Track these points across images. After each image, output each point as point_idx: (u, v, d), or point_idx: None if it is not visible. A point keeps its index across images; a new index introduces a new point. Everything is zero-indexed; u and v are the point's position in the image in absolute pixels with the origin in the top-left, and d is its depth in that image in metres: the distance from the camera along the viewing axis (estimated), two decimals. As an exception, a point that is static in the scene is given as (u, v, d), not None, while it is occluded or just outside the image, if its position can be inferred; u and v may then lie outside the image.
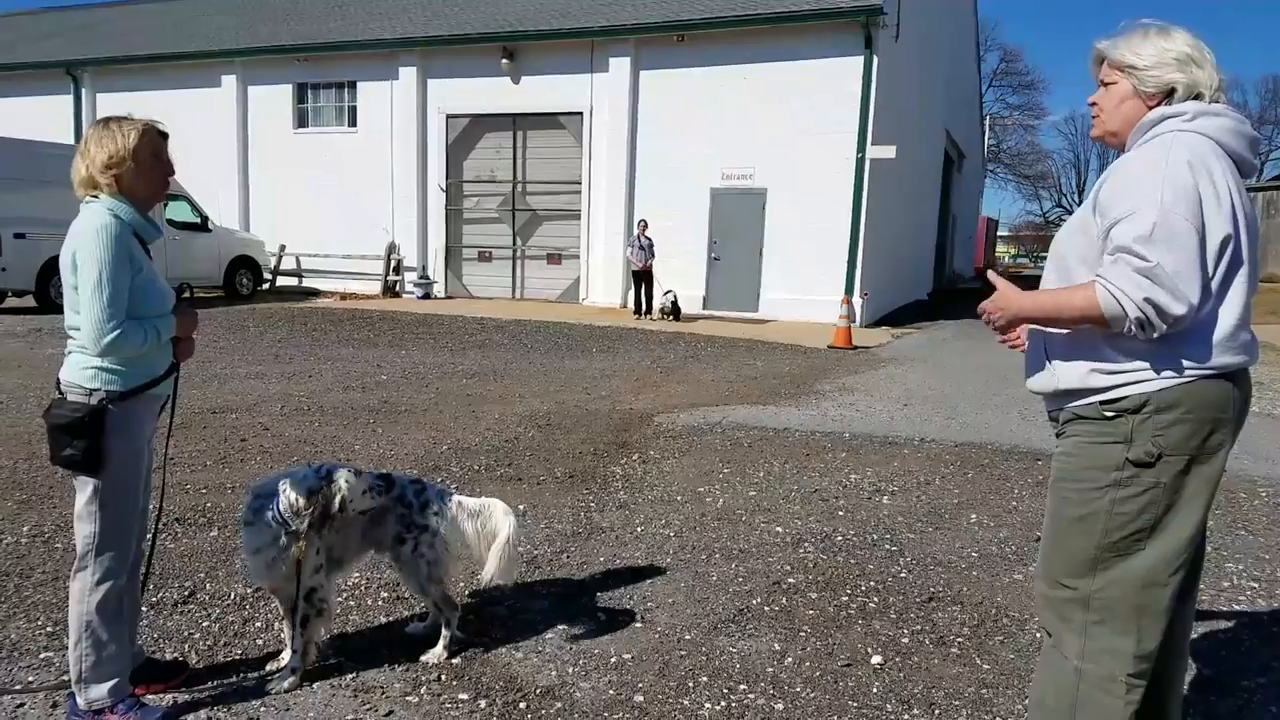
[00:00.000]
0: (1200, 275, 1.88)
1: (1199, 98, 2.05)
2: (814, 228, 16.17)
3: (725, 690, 3.03)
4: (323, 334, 12.68)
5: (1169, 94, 2.07)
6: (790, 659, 3.27)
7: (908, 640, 3.45)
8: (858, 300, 15.74)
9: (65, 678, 2.74)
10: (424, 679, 3.02)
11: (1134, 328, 1.91)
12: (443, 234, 19.67)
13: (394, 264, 19.61)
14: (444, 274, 19.76)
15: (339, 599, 3.52)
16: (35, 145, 14.48)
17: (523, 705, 2.89)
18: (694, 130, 16.95)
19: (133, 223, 2.58)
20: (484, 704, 2.89)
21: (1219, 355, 1.97)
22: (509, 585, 3.11)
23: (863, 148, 15.71)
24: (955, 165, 29.74)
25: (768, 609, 3.70)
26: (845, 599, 3.83)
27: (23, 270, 13.72)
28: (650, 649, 3.31)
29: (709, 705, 2.93)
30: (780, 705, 2.95)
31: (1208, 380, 1.98)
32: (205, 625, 3.37)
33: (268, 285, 19.42)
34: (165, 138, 2.70)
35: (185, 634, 3.30)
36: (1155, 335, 1.92)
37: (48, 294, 13.91)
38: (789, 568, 4.16)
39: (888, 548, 4.48)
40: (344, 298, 18.85)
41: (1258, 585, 4.12)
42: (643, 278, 16.18)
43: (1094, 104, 2.21)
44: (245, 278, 18.13)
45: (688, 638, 3.41)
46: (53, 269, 12.74)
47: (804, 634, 3.48)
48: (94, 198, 2.57)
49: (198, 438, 6.19)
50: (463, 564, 3.96)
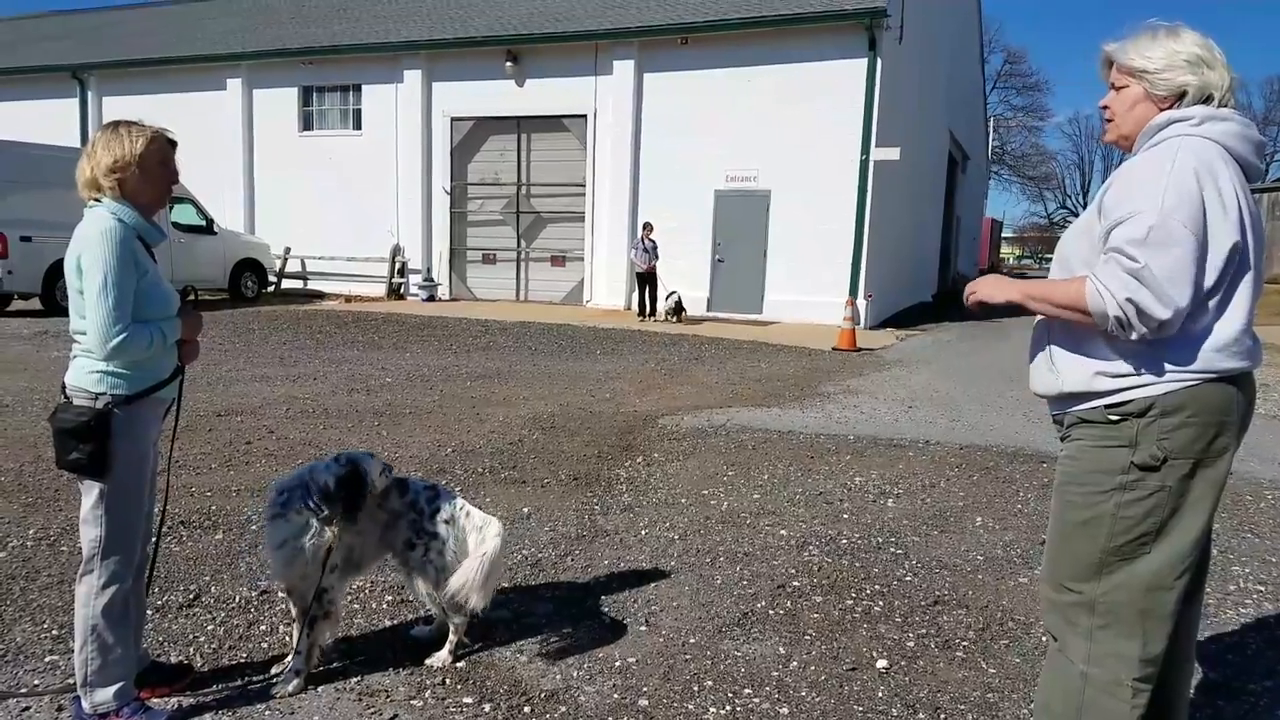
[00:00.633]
0: (1192, 281, 1.89)
1: (1210, 99, 2.04)
2: (818, 229, 16.17)
3: (730, 694, 3.03)
4: (327, 337, 12.70)
5: (1181, 96, 2.06)
6: (795, 663, 3.27)
7: (913, 644, 3.45)
8: (862, 302, 15.73)
9: (71, 681, 2.75)
10: (429, 682, 3.02)
11: (1115, 326, 1.92)
12: (447, 236, 19.70)
13: (398, 266, 19.65)
14: (448, 276, 19.79)
15: (344, 601, 3.52)
16: (41, 148, 14.49)
17: (527, 709, 2.89)
18: (698, 132, 16.96)
19: (137, 226, 2.58)
20: (488, 708, 2.88)
21: (1223, 359, 1.97)
22: (476, 608, 3.04)
23: (866, 150, 15.72)
24: (959, 167, 29.69)
25: (772, 612, 3.70)
26: (850, 602, 3.82)
27: (28, 273, 13.74)
28: (655, 653, 3.31)
29: (714, 709, 2.93)
30: (785, 709, 2.94)
31: (1212, 384, 1.98)
32: (210, 628, 3.38)
33: (272, 288, 19.44)
34: (174, 146, 2.70)
35: (190, 637, 3.30)
36: (1134, 337, 1.93)
37: (53, 297, 13.92)
38: (794, 571, 4.16)
39: (893, 551, 4.48)
40: (349, 300, 18.88)
41: (1264, 588, 4.11)
42: (647, 280, 16.19)
43: (1105, 108, 2.19)
44: (250, 280, 18.14)
45: (692, 641, 3.41)
46: (58, 272, 12.75)
47: (809, 638, 3.47)
48: (97, 201, 2.57)
49: (203, 441, 6.20)
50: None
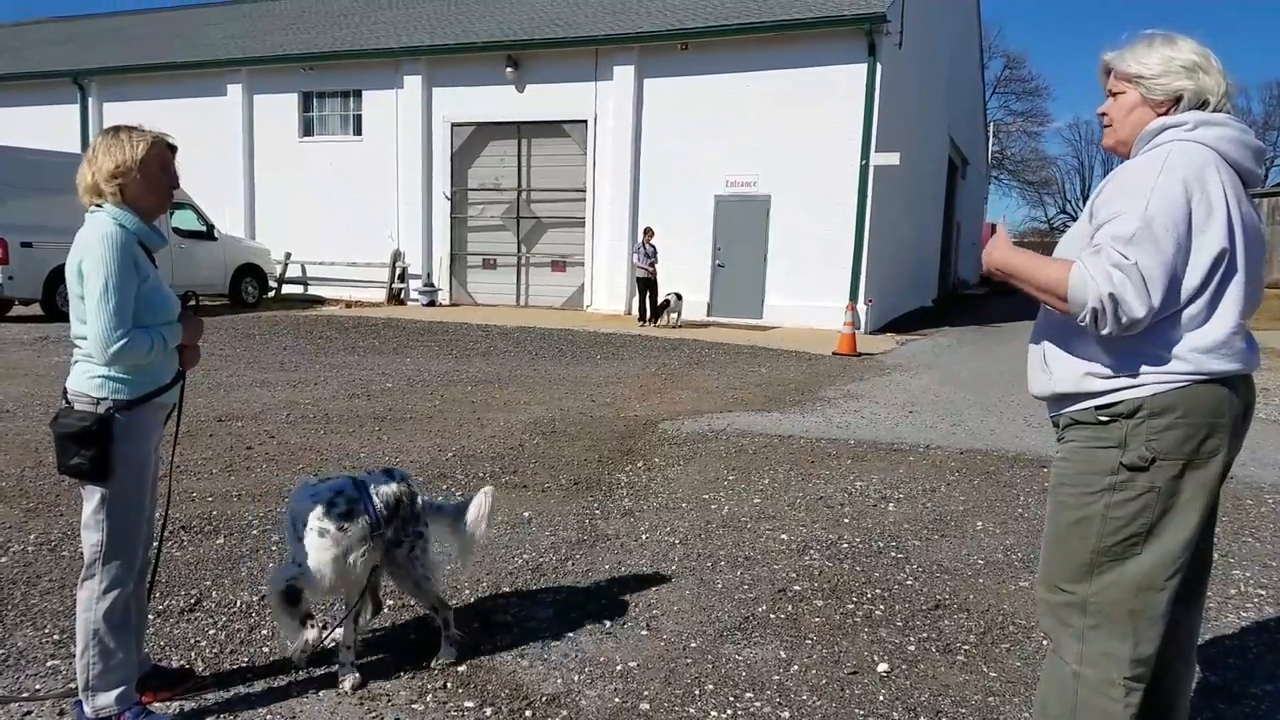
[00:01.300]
0: (1166, 285, 1.91)
1: (1206, 104, 2.06)
2: (818, 234, 16.19)
3: (731, 698, 3.03)
4: (328, 342, 12.71)
5: (1177, 101, 2.08)
6: (796, 667, 3.27)
7: (914, 648, 3.45)
8: (862, 306, 15.74)
9: (72, 685, 2.75)
10: (430, 686, 3.02)
11: (1087, 317, 1.93)
12: (447, 241, 19.72)
13: (399, 271, 19.66)
14: (449, 281, 19.80)
15: (340, 607, 3.52)
16: (41, 154, 14.53)
17: (528, 713, 2.89)
18: (698, 137, 16.98)
19: (138, 231, 2.58)
20: (489, 712, 2.89)
21: (1213, 361, 1.98)
22: (483, 538, 3.38)
23: (866, 154, 15.73)
24: (959, 172, 29.73)
25: (773, 616, 3.70)
26: (851, 606, 3.82)
27: (29, 279, 13.75)
28: (656, 657, 3.31)
29: (715, 713, 2.93)
30: (786, 713, 2.94)
31: (1202, 385, 1.99)
32: (211, 633, 3.38)
33: (273, 293, 19.46)
34: (174, 151, 2.70)
35: (192, 642, 3.30)
36: (1104, 332, 1.93)
37: (54, 302, 13.93)
38: (794, 575, 4.16)
39: (893, 555, 4.48)
40: (349, 305, 18.90)
41: (1265, 592, 4.11)
42: (647, 285, 16.22)
43: (1104, 114, 2.22)
44: (251, 286, 18.15)
45: (693, 645, 3.41)
46: (59, 277, 12.78)
47: (810, 641, 3.47)
48: (98, 206, 2.58)
49: (204, 446, 6.21)
50: (465, 571, 3.97)
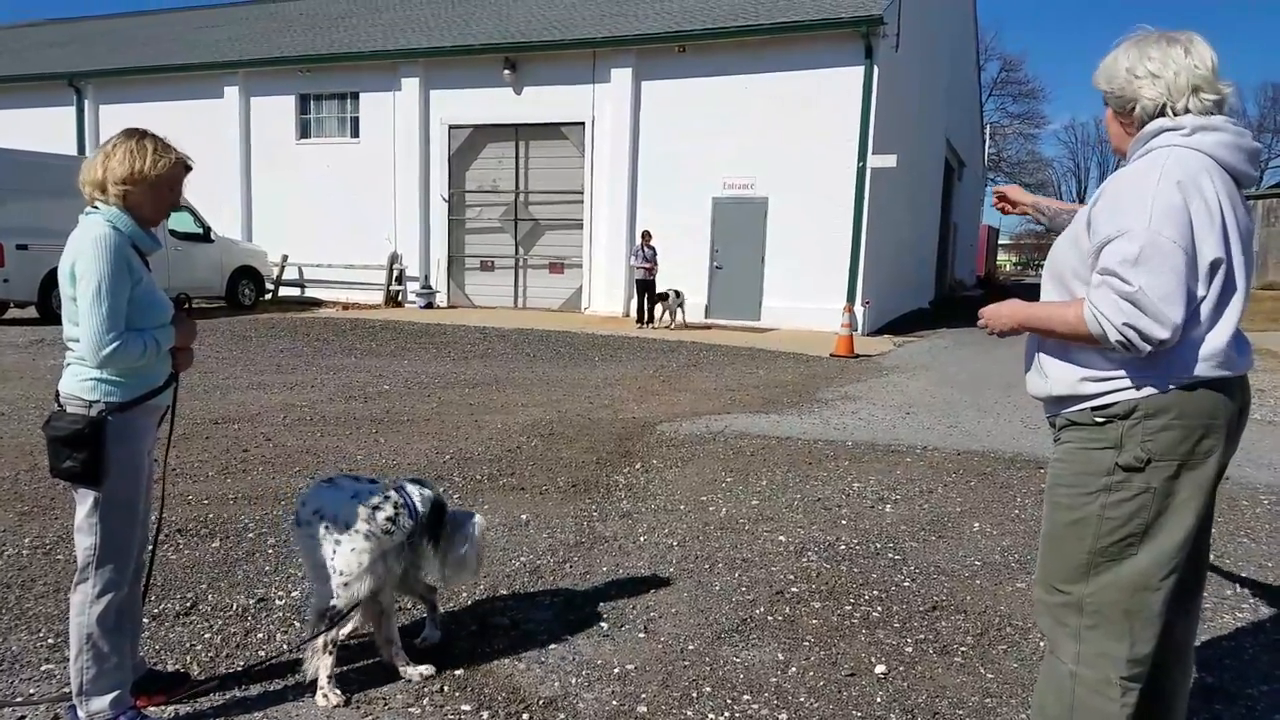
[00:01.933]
0: (1184, 296, 1.90)
1: (1167, 108, 2.04)
2: (815, 236, 16.20)
3: (729, 700, 3.02)
4: (325, 344, 12.69)
5: (1141, 109, 2.07)
6: (794, 669, 3.26)
7: (911, 649, 3.44)
8: (859, 308, 15.75)
9: (66, 690, 2.73)
10: (426, 690, 3.01)
11: (1119, 348, 1.95)
12: (445, 244, 19.70)
13: (396, 274, 19.63)
14: (446, 283, 19.78)
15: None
16: (38, 156, 14.50)
17: (526, 716, 2.88)
18: (695, 139, 16.99)
19: (132, 234, 2.57)
20: (486, 715, 2.88)
21: (1210, 367, 1.99)
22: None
23: (863, 157, 15.75)
24: (956, 174, 29.78)
25: (771, 618, 3.69)
26: (849, 608, 3.82)
27: (25, 281, 13.72)
28: (654, 659, 3.30)
29: (713, 716, 2.92)
30: (784, 716, 2.94)
31: (1198, 387, 1.99)
32: (207, 637, 3.36)
33: (270, 296, 19.43)
34: (189, 170, 2.71)
35: (187, 645, 3.29)
36: (1144, 355, 1.95)
37: (49, 305, 13.89)
38: (792, 577, 4.15)
39: (891, 556, 4.47)
40: (346, 308, 18.88)
41: (1261, 592, 4.11)
42: (646, 287, 16.22)
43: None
44: (247, 288, 18.12)
45: (691, 648, 3.40)
46: (55, 280, 12.66)
47: (807, 643, 3.47)
48: (96, 206, 2.57)
49: (200, 448, 6.19)
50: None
